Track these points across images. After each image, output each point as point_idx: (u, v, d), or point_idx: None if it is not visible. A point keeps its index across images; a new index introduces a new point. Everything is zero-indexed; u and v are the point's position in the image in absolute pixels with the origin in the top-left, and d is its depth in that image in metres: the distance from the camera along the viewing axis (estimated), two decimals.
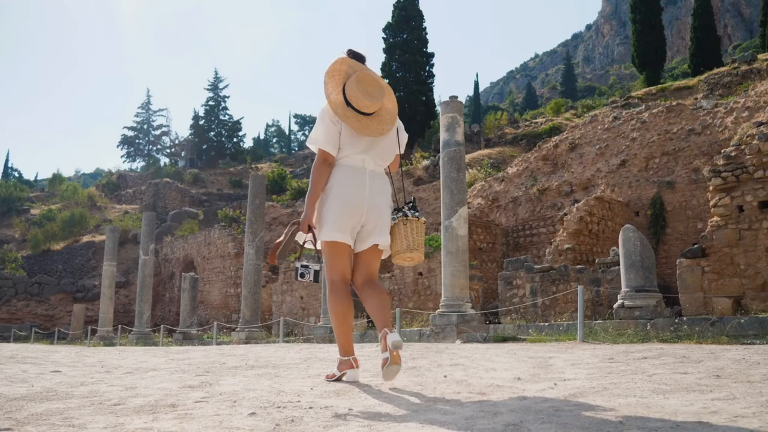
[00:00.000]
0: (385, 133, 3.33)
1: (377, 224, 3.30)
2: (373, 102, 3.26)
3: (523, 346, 5.60)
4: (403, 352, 4.67)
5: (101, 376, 3.58)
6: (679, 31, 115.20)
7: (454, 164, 11.19)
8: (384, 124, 3.33)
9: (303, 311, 21.35)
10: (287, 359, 4.52)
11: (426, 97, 40.01)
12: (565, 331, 7.64)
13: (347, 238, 3.26)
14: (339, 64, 3.35)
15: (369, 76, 3.32)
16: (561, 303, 14.21)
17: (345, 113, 3.24)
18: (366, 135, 3.26)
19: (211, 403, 2.47)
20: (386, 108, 3.39)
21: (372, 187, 3.30)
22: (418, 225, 3.43)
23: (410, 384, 3.02)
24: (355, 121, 3.24)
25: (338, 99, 3.27)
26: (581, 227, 16.29)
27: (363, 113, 3.25)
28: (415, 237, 3.39)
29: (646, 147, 18.04)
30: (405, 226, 3.35)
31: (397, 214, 3.39)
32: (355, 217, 3.24)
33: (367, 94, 3.24)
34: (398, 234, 3.35)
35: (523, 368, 3.65)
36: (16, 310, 28.42)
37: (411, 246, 3.34)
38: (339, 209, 3.22)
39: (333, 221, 3.22)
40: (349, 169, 3.29)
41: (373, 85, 3.30)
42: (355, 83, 3.25)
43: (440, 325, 10.55)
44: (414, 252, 3.37)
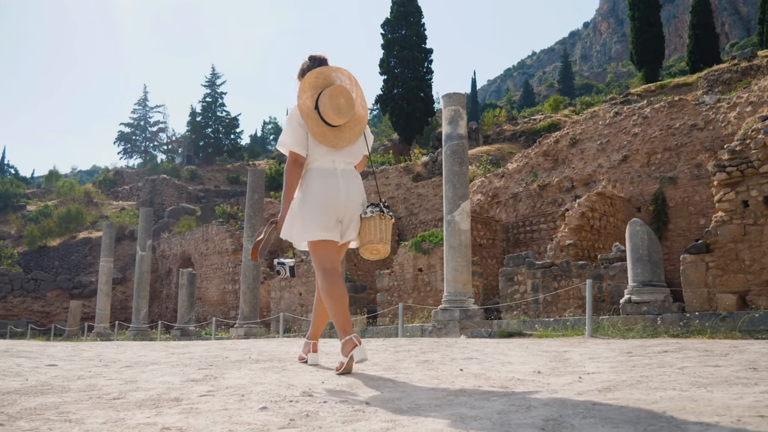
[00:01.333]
0: (345, 146, 3.49)
1: (352, 220, 3.48)
2: (340, 117, 3.41)
3: (532, 341, 5.45)
4: (413, 345, 4.52)
5: (99, 370, 3.42)
6: (676, 30, 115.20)
7: (457, 158, 11.03)
8: (349, 134, 3.50)
9: (301, 307, 21.19)
10: (292, 353, 4.37)
11: (424, 94, 39.80)
12: (572, 327, 7.49)
13: (335, 236, 3.43)
14: (321, 72, 3.53)
15: (343, 91, 3.45)
16: (563, 299, 14.07)
17: (309, 118, 3.41)
18: (322, 143, 3.42)
19: (217, 397, 2.31)
20: (357, 116, 3.55)
21: (346, 186, 3.47)
22: (390, 223, 3.58)
23: (426, 377, 2.87)
24: (316, 127, 3.40)
25: (309, 103, 3.43)
26: (583, 223, 16.15)
27: (328, 124, 3.41)
28: (386, 232, 3.53)
29: (647, 142, 17.90)
30: (381, 220, 3.50)
31: (375, 209, 3.52)
32: (335, 215, 3.41)
33: (336, 110, 3.39)
34: (373, 226, 3.48)
35: (540, 362, 3.50)
36: (12, 307, 28.22)
37: (383, 239, 3.50)
38: (320, 210, 3.37)
39: (318, 222, 3.36)
40: (322, 172, 3.45)
41: (345, 99, 3.43)
42: (328, 96, 3.39)
43: (442, 321, 10.40)
44: (383, 244, 3.52)
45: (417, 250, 18.40)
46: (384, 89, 39.94)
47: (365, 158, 3.75)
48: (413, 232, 24.77)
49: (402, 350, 4.19)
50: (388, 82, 39.71)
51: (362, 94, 3.64)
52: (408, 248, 18.71)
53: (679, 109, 17.61)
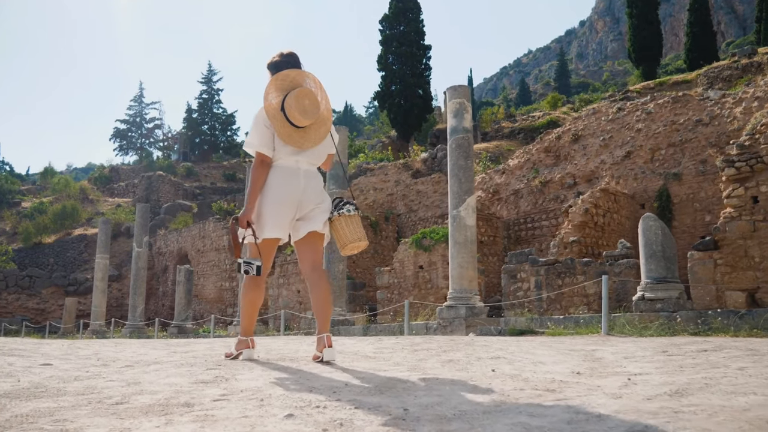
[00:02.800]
0: (310, 147, 3.56)
1: (310, 215, 3.55)
2: (305, 118, 3.48)
3: (550, 340, 5.20)
4: (429, 344, 4.28)
5: (98, 370, 3.16)
6: (672, 28, 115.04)
7: (462, 151, 10.79)
8: (314, 135, 3.57)
9: (300, 305, 20.92)
10: (301, 352, 4.11)
11: (423, 90, 39.50)
12: (586, 324, 7.25)
13: (282, 233, 3.53)
14: (287, 75, 3.59)
15: (309, 93, 3.52)
16: (567, 297, 13.84)
17: (275, 119, 3.48)
18: (288, 144, 3.49)
19: (233, 402, 2.05)
20: (322, 118, 3.61)
21: (307, 185, 3.54)
22: (358, 219, 3.70)
23: (457, 378, 2.62)
24: (282, 127, 3.47)
25: (275, 104, 3.50)
26: (586, 220, 15.91)
27: (294, 125, 3.48)
28: (360, 229, 3.67)
29: (651, 138, 17.67)
30: (357, 219, 3.65)
31: (352, 208, 3.63)
32: (289, 213, 3.50)
33: (302, 111, 3.46)
34: (354, 224, 3.61)
35: (573, 361, 3.25)
36: (6, 304, 27.88)
37: (361, 237, 3.64)
38: (274, 208, 3.46)
39: (269, 219, 3.47)
40: (284, 170, 3.53)
41: (311, 101, 3.51)
42: (294, 98, 3.46)
43: (448, 319, 10.16)
44: (363, 241, 3.66)
45: (418, 247, 18.14)
46: (382, 85, 39.64)
47: (331, 157, 3.83)
48: (413, 229, 24.51)
49: (420, 349, 3.94)
50: (386, 79, 39.41)
51: (327, 97, 3.69)
52: (408, 245, 18.45)
53: (684, 104, 17.38)
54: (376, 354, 3.74)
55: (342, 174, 13.09)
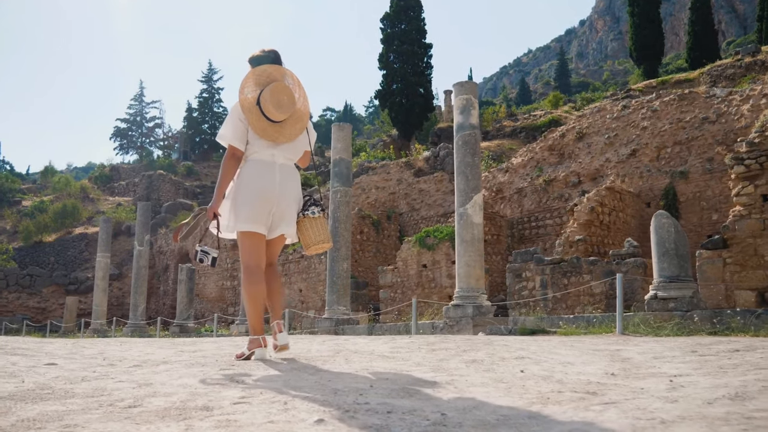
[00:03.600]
0: (285, 142, 3.56)
1: (285, 215, 3.56)
2: (281, 113, 3.50)
3: (570, 339, 5.06)
4: (446, 343, 4.14)
5: (105, 370, 3.01)
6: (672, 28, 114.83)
7: (469, 148, 10.64)
8: (290, 131, 3.58)
9: (302, 304, 20.78)
10: (314, 351, 3.97)
11: (424, 89, 39.33)
12: (599, 323, 7.10)
13: (262, 228, 3.51)
14: (265, 70, 3.60)
15: (285, 88, 3.54)
16: (573, 296, 13.69)
17: (250, 113, 3.49)
18: (263, 138, 3.49)
19: (255, 406, 1.91)
20: (299, 113, 3.63)
21: (282, 180, 3.54)
22: (323, 220, 3.74)
23: (487, 380, 2.47)
24: (257, 121, 3.48)
25: (251, 98, 3.51)
26: (592, 218, 15.77)
27: (269, 119, 3.49)
28: (324, 230, 3.70)
29: (657, 136, 17.53)
30: (319, 219, 3.69)
31: (318, 209, 3.69)
32: (267, 208, 3.49)
33: (277, 105, 3.48)
34: (319, 226, 3.66)
35: (602, 362, 3.11)
36: (7, 303, 27.74)
37: (325, 239, 3.68)
38: (252, 201, 3.45)
39: (248, 213, 3.45)
40: (260, 164, 3.52)
41: (287, 97, 3.53)
42: (269, 92, 3.47)
43: (454, 318, 10.01)
44: (327, 243, 3.71)
45: (421, 245, 18.00)
46: (383, 84, 39.46)
47: (308, 153, 3.80)
48: (415, 228, 24.36)
49: (438, 348, 3.80)
50: (387, 77, 39.24)
51: (305, 94, 3.70)
52: (412, 244, 18.30)
53: (690, 102, 17.23)
54: (393, 354, 3.60)
55: (346, 171, 12.94)
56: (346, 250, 12.64)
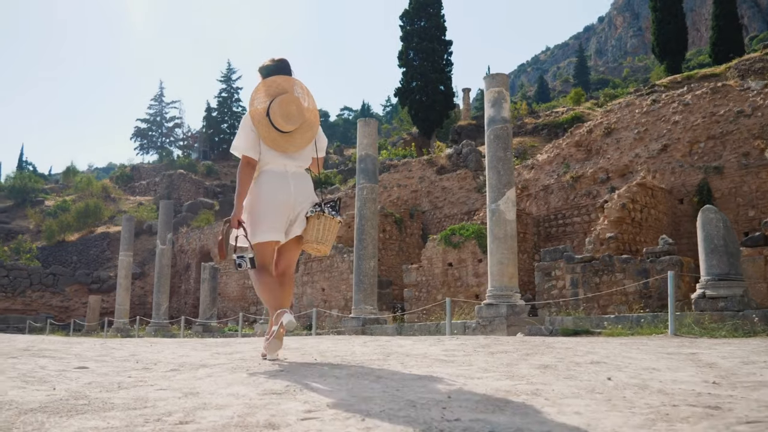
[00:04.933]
0: (294, 151, 3.65)
1: (298, 218, 3.64)
2: (289, 124, 3.58)
3: (627, 341, 4.73)
4: (503, 345, 3.84)
5: (141, 375, 2.75)
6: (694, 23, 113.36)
7: (501, 143, 10.32)
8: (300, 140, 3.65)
9: (325, 303, 20.54)
10: (358, 354, 3.68)
11: (444, 86, 38.92)
12: (648, 324, 6.76)
13: (280, 236, 3.61)
14: (274, 81, 3.70)
15: (294, 99, 3.62)
16: (605, 295, 13.31)
17: (260, 124, 3.58)
18: (273, 148, 3.59)
19: (328, 423, 1.62)
20: (308, 122, 3.70)
21: (296, 188, 3.63)
22: (333, 223, 3.71)
23: (578, 390, 2.17)
24: (267, 132, 3.57)
25: (260, 110, 3.61)
26: (623, 215, 15.35)
27: (279, 130, 3.58)
28: (326, 232, 3.68)
29: (689, 130, 17.06)
30: (318, 220, 3.65)
31: (316, 209, 3.67)
32: (284, 215, 3.59)
33: (286, 117, 3.56)
34: (312, 225, 3.65)
35: (689, 369, 2.79)
36: (31, 301, 27.78)
37: (319, 239, 3.66)
38: (269, 213, 3.55)
39: (267, 223, 3.55)
40: (274, 175, 3.62)
41: (296, 107, 3.60)
42: (278, 104, 3.56)
43: (487, 317, 9.70)
44: (321, 245, 3.68)
45: (446, 244, 17.69)
46: (403, 82, 39.11)
47: (319, 160, 3.91)
48: (438, 226, 24.04)
49: (496, 351, 3.49)
50: (407, 75, 38.87)
51: (314, 103, 3.80)
52: (437, 242, 17.99)
53: (723, 95, 16.76)
54: (449, 357, 3.30)
55: (372, 167, 12.66)
56: (372, 248, 12.36)
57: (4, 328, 22.90)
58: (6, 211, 41.30)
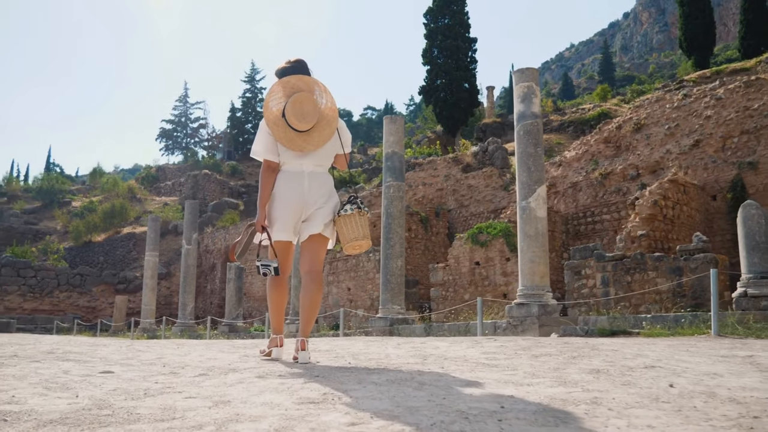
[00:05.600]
0: (313, 150, 3.63)
1: (312, 217, 3.61)
2: (304, 123, 3.56)
3: (671, 342, 4.51)
4: (545, 348, 3.65)
5: (168, 380, 2.61)
6: (721, 18, 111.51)
7: (531, 138, 10.10)
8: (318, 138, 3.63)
9: (350, 303, 20.42)
10: (393, 357, 3.52)
11: (469, 84, 38.59)
12: (689, 323, 6.51)
13: (290, 236, 3.64)
14: (288, 81, 3.67)
15: (307, 98, 3.59)
16: (637, 294, 13.00)
17: (276, 126, 3.58)
18: (291, 149, 3.58)
19: None
20: (326, 119, 3.66)
21: (311, 187, 3.61)
22: (365, 217, 3.69)
23: (640, 398, 1.99)
24: (283, 133, 3.56)
25: (275, 112, 3.61)
26: (655, 212, 15.01)
27: (295, 130, 3.57)
28: (364, 228, 3.66)
29: (722, 125, 16.66)
30: (360, 217, 3.64)
31: (353, 206, 3.64)
32: (295, 215, 3.60)
33: (300, 116, 3.54)
34: (353, 223, 3.61)
35: (753, 374, 2.59)
36: (58, 302, 28.03)
37: (365, 234, 3.66)
38: (280, 211, 3.60)
39: (277, 223, 3.61)
40: (289, 174, 3.63)
41: (310, 106, 3.58)
42: (291, 104, 3.55)
43: (518, 317, 9.48)
44: (364, 240, 3.66)
45: (474, 242, 17.46)
46: (427, 80, 38.86)
47: (342, 157, 3.86)
48: (464, 224, 23.80)
49: (540, 354, 3.31)
50: (431, 73, 38.61)
51: (332, 99, 3.74)
52: (464, 241, 17.78)
53: (758, 89, 16.33)
54: (490, 360, 3.12)
55: (399, 165, 12.50)
56: (400, 247, 12.19)
57: (32, 328, 23.11)
58: (34, 212, 41.80)
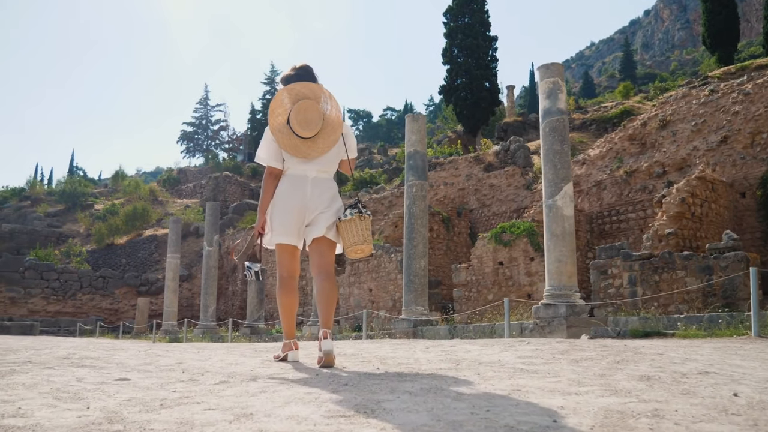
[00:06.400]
0: (317, 156, 3.65)
1: (315, 221, 3.62)
2: (308, 130, 3.59)
3: (719, 345, 4.28)
4: (587, 352, 3.44)
5: (187, 389, 2.45)
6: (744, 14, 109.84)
7: (557, 135, 9.85)
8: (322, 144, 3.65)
9: (372, 304, 20.25)
10: (423, 362, 3.34)
11: (489, 83, 38.25)
12: (727, 324, 6.26)
13: (292, 240, 3.64)
14: (293, 88, 3.72)
15: (311, 105, 3.62)
16: (665, 294, 12.69)
17: (281, 133, 3.63)
18: (295, 155, 3.61)
19: None
20: (331, 125, 3.68)
21: (313, 192, 3.64)
22: (368, 221, 3.68)
23: (706, 410, 1.78)
24: (288, 140, 3.60)
25: (281, 120, 3.65)
26: (683, 210, 14.67)
27: (299, 137, 3.60)
28: (367, 232, 3.66)
29: (751, 121, 16.26)
30: (361, 221, 3.62)
31: (354, 211, 3.63)
32: (296, 220, 3.62)
33: (304, 123, 3.57)
34: (354, 228, 3.61)
35: None
36: (81, 304, 28.18)
37: (367, 239, 3.64)
38: (281, 215, 3.62)
39: (278, 226, 3.63)
40: (292, 179, 3.66)
41: (314, 113, 3.60)
42: (295, 112, 3.60)
43: (545, 318, 9.24)
44: (366, 244, 3.65)
45: (497, 242, 17.22)
46: (447, 79, 38.60)
47: (347, 163, 3.87)
48: (486, 224, 23.55)
49: (580, 359, 3.10)
50: (451, 72, 38.35)
51: (337, 105, 3.77)
52: (487, 240, 17.54)
53: None
54: (528, 366, 2.93)
55: (421, 164, 12.31)
56: (423, 247, 12.00)
57: (55, 330, 23.22)
58: (57, 215, 42.15)
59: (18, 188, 47.40)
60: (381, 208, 26.89)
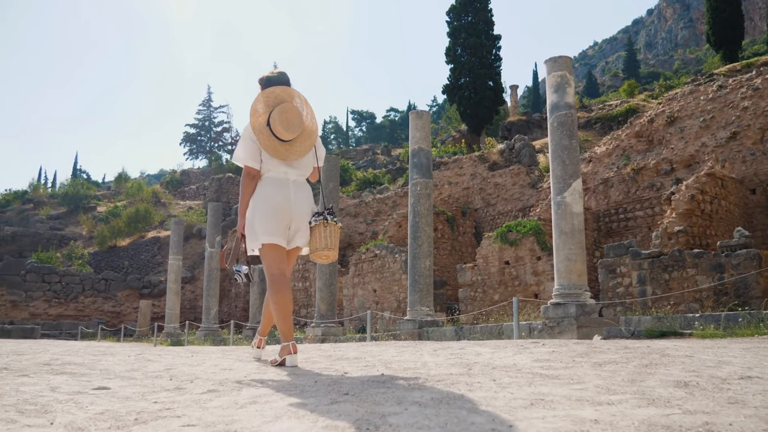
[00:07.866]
0: (295, 159, 3.70)
1: (300, 227, 3.69)
2: (289, 132, 3.63)
3: (746, 345, 4.02)
4: (609, 355, 3.19)
5: (170, 399, 2.20)
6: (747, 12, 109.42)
7: (566, 130, 9.58)
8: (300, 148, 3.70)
9: (376, 305, 20.00)
10: (432, 366, 3.08)
11: (493, 82, 37.98)
12: (746, 324, 5.99)
13: (280, 240, 3.64)
14: (273, 91, 3.73)
15: (293, 109, 3.66)
16: (676, 293, 12.42)
17: (261, 133, 3.63)
18: (274, 156, 3.64)
19: None
20: (308, 131, 3.76)
21: (296, 195, 3.70)
22: (335, 229, 3.77)
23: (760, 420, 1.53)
24: (267, 141, 3.62)
25: (261, 120, 3.65)
26: (693, 207, 14.39)
27: (279, 139, 3.64)
28: (332, 238, 3.72)
29: (761, 116, 15.97)
30: (325, 228, 3.69)
31: (318, 218, 3.71)
32: (284, 221, 3.64)
33: (286, 126, 3.61)
34: (318, 234, 3.69)
35: None
36: (83, 307, 27.97)
37: (329, 245, 3.70)
38: (269, 216, 3.60)
39: (266, 227, 3.60)
40: (274, 181, 3.68)
41: (295, 117, 3.65)
42: (278, 113, 3.61)
43: (555, 318, 8.97)
44: (330, 250, 3.72)
45: (503, 241, 16.95)
46: (450, 78, 38.36)
47: (317, 170, 3.97)
48: (491, 224, 23.28)
49: (602, 362, 2.85)
50: (454, 71, 38.10)
51: (312, 111, 3.84)
52: (492, 240, 17.27)
53: None
54: (546, 371, 2.67)
55: (426, 162, 12.06)
56: (428, 246, 11.74)
57: (57, 334, 23.02)
58: (59, 217, 42.01)
59: (21, 191, 47.29)
60: (385, 208, 26.64)
